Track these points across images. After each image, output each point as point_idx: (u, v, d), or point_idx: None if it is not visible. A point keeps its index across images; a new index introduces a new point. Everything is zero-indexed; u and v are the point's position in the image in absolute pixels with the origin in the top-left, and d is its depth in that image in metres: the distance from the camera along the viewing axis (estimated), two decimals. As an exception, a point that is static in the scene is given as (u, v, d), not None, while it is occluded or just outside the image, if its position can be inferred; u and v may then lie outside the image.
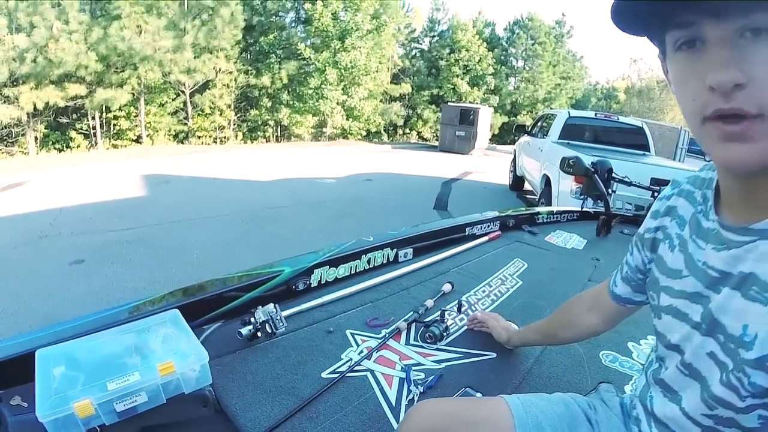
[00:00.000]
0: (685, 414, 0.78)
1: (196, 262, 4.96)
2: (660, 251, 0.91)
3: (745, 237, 0.70)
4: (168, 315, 1.34)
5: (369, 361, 1.41)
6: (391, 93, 24.18)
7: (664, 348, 0.86)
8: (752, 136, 0.60)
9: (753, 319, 0.66)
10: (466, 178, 12.61)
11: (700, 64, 0.62)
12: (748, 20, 0.58)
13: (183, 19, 17.10)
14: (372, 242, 2.15)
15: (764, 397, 0.67)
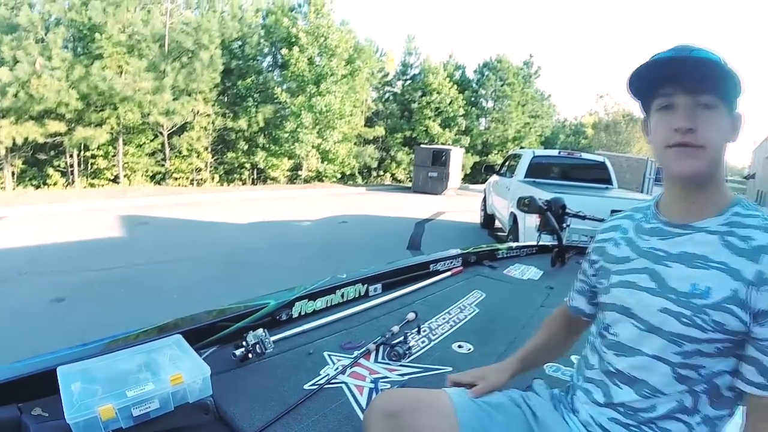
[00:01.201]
0: (656, 357, 1.08)
1: (176, 303, 5.06)
2: (606, 251, 1.28)
3: (685, 230, 1.10)
4: (172, 339, 1.59)
5: (343, 375, 1.68)
6: (365, 136, 24.55)
7: (616, 314, 1.18)
8: (695, 156, 1.03)
9: (698, 279, 1.03)
10: (439, 218, 12.88)
11: (671, 117, 1.05)
12: (702, 98, 1.03)
13: (163, 61, 17.34)
14: (345, 279, 2.43)
15: (720, 331, 1.00)
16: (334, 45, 20.45)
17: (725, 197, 1.11)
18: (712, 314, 1.00)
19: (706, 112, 1.03)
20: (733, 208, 1.08)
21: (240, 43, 21.22)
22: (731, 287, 0.98)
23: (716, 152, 1.06)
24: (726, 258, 1.01)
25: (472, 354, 1.97)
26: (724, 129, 1.06)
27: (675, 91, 1.05)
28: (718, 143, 1.05)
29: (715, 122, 1.04)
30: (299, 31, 20.06)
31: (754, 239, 1.01)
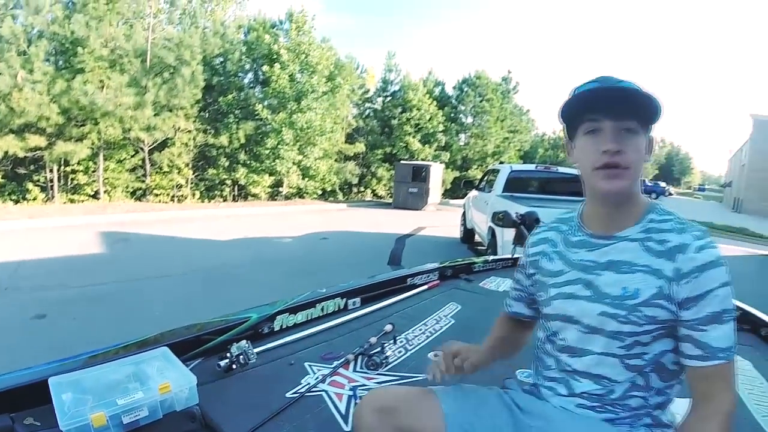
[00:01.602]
0: (604, 353, 1.22)
1: (158, 319, 5.03)
2: (541, 265, 1.42)
3: (609, 241, 1.25)
4: (159, 351, 1.66)
5: (324, 384, 1.76)
6: (346, 152, 24.62)
7: (561, 322, 1.31)
8: (621, 177, 1.17)
9: (627, 282, 1.19)
10: (420, 234, 12.97)
11: (599, 141, 1.18)
12: (626, 123, 1.16)
13: (145, 76, 17.29)
14: (324, 293, 2.52)
15: (653, 323, 1.17)
16: (315, 62, 20.57)
17: (641, 206, 1.26)
18: (644, 310, 1.17)
19: (629, 135, 1.17)
20: (648, 215, 1.25)
21: (221, 59, 21.25)
22: (656, 285, 1.16)
23: (637, 172, 1.20)
24: (648, 261, 1.18)
25: None
26: (643, 151, 1.20)
27: (602, 117, 1.18)
28: (639, 164, 1.20)
29: (637, 145, 1.18)
30: (280, 48, 20.17)
31: (669, 241, 1.17)
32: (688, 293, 1.13)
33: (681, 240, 1.16)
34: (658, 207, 1.27)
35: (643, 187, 1.28)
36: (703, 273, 1.12)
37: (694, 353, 1.14)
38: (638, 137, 1.19)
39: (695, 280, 1.12)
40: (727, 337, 1.13)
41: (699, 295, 1.12)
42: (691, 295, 1.12)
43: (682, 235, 1.17)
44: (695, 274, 1.12)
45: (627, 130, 1.17)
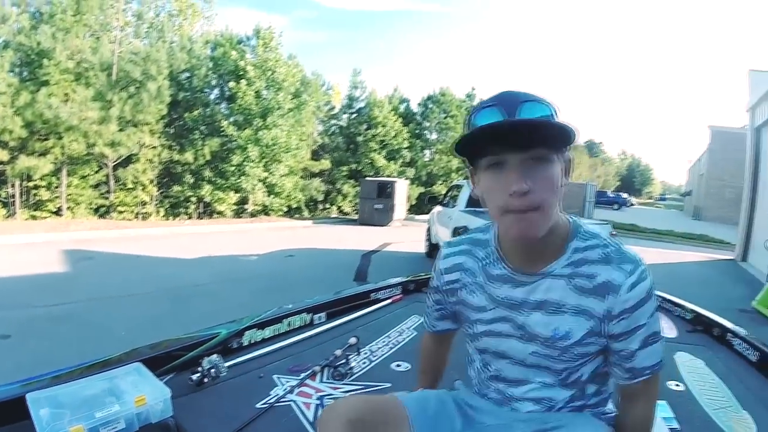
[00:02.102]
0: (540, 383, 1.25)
1: (125, 339, 4.95)
2: (461, 296, 1.34)
3: (533, 278, 1.19)
4: (132, 366, 1.75)
5: (292, 395, 1.86)
6: (312, 169, 24.60)
7: (493, 357, 1.30)
8: (534, 220, 1.06)
9: (557, 324, 1.17)
10: (386, 250, 13.03)
11: (502, 178, 1.06)
12: (533, 152, 1.04)
13: (110, 90, 17.00)
14: (291, 309, 2.61)
15: (587, 356, 1.20)
16: (281, 78, 20.52)
17: (563, 234, 1.18)
18: (577, 349, 1.18)
19: (539, 167, 1.05)
20: (572, 243, 1.18)
21: (188, 74, 21.02)
22: (587, 326, 1.16)
23: (552, 208, 1.09)
24: (576, 301, 1.15)
25: (409, 372, 2.17)
26: (558, 178, 1.09)
27: (504, 150, 1.05)
28: (553, 198, 1.08)
29: (549, 176, 1.06)
30: (247, 64, 20.05)
31: (597, 275, 1.14)
32: (620, 330, 1.14)
33: (610, 276, 1.12)
34: (580, 230, 1.20)
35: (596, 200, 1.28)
36: (635, 311, 1.12)
37: (624, 375, 1.20)
38: (550, 165, 1.07)
39: (627, 319, 1.13)
40: (654, 355, 1.17)
41: (630, 330, 1.14)
42: (623, 331, 1.14)
43: (610, 268, 1.13)
44: (627, 314, 1.12)
45: (536, 160, 1.05)
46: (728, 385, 2.27)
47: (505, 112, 1.04)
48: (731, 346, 2.77)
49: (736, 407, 2.06)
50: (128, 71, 17.43)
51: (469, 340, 1.40)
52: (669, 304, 3.52)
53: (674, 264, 14.17)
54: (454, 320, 1.49)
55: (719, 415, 1.97)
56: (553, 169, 1.07)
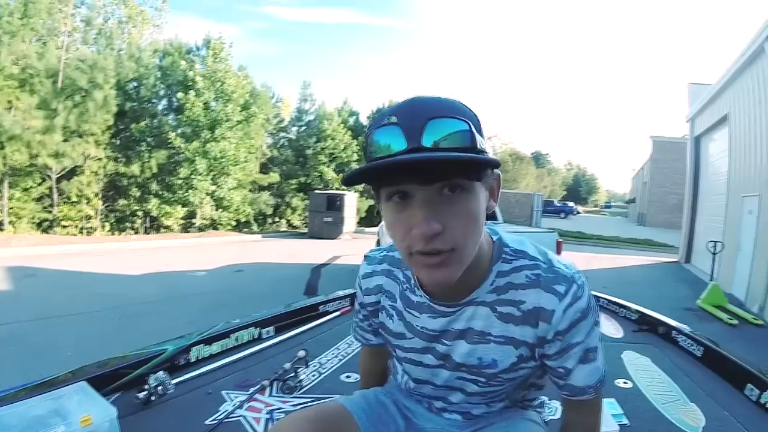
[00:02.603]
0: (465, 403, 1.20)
1: (71, 360, 4.73)
2: (382, 319, 1.26)
3: (454, 308, 1.08)
4: (78, 385, 1.73)
5: (241, 410, 1.87)
6: (260, 182, 24.33)
7: (413, 382, 1.24)
8: (447, 264, 0.90)
9: (482, 353, 1.08)
10: (336, 263, 13.01)
11: (406, 214, 0.88)
12: (449, 182, 0.86)
13: (56, 98, 16.43)
14: (239, 323, 2.61)
15: (516, 379, 1.12)
16: (231, 90, 20.32)
17: (486, 256, 1.06)
18: (505, 375, 1.10)
19: (452, 197, 0.88)
20: (496, 265, 1.07)
21: (135, 83, 20.46)
22: (515, 354, 1.07)
23: (472, 246, 0.93)
24: (503, 330, 1.06)
25: (359, 383, 2.19)
26: (480, 209, 0.92)
27: (407, 180, 0.87)
28: (473, 235, 0.92)
29: (466, 209, 0.89)
30: (196, 75, 19.75)
31: (524, 302, 1.04)
32: (554, 350, 1.06)
33: (540, 302, 1.03)
34: (505, 249, 1.09)
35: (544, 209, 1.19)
36: (568, 333, 1.03)
37: (564, 390, 1.12)
38: (469, 195, 0.89)
39: (560, 341, 1.04)
40: (593, 373, 1.08)
41: (563, 349, 1.05)
42: (556, 351, 1.06)
43: (539, 292, 1.03)
44: (560, 338, 1.03)
45: (450, 189, 0.87)
46: (675, 379, 2.39)
47: (407, 134, 0.85)
48: (676, 343, 2.91)
49: (684, 400, 2.16)
50: (74, 79, 16.95)
51: (394, 361, 1.36)
52: (614, 306, 3.67)
53: (622, 268, 14.55)
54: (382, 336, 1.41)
55: (668, 409, 2.07)
56: (471, 201, 0.90)
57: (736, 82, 11.61)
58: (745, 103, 10.85)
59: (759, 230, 9.34)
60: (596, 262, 14.55)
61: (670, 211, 39.25)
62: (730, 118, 12.18)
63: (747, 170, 10.53)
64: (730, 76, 11.72)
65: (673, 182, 39.11)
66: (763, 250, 8.91)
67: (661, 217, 40.60)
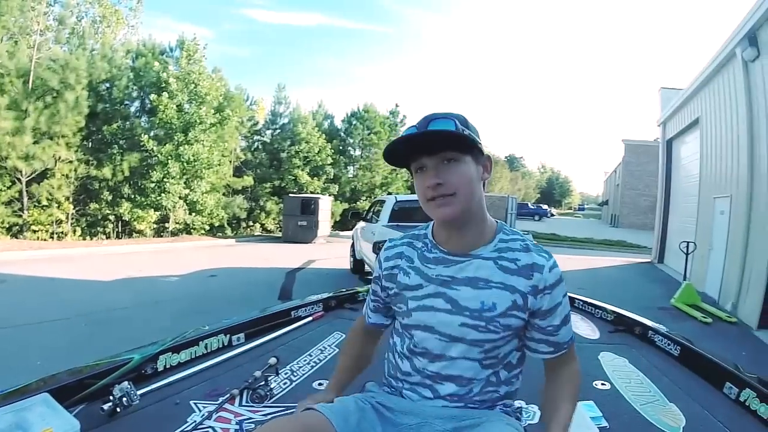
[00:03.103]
0: (464, 358, 1.38)
1: (40, 369, 4.76)
2: (399, 279, 1.50)
3: (464, 258, 1.39)
4: (40, 397, 1.64)
5: (210, 421, 1.79)
6: (234, 186, 24.21)
7: (421, 332, 1.42)
8: (449, 204, 1.30)
9: (485, 297, 1.34)
10: (310, 267, 12.99)
11: (424, 177, 1.33)
12: (445, 155, 1.30)
13: (26, 99, 16.13)
14: (208, 330, 2.54)
15: (508, 330, 1.36)
16: (204, 92, 20.14)
17: (491, 227, 1.43)
18: (501, 321, 1.35)
19: (450, 165, 1.31)
20: (498, 235, 1.42)
21: (108, 85, 20.12)
22: (511, 299, 1.34)
23: (467, 195, 1.32)
24: (502, 278, 1.36)
25: None
26: (471, 173, 1.34)
27: (422, 156, 1.33)
28: (466, 187, 1.32)
29: (460, 171, 1.31)
30: (170, 77, 19.52)
31: (520, 260, 1.37)
32: (544, 305, 1.36)
33: (531, 260, 1.36)
34: (505, 227, 1.46)
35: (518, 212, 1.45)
36: (555, 289, 1.36)
37: (548, 350, 1.42)
38: (461, 164, 1.32)
39: (549, 295, 1.35)
40: (569, 331, 1.43)
41: (552, 308, 1.37)
42: (547, 308, 1.36)
43: (530, 254, 1.37)
44: (549, 291, 1.35)
45: (448, 161, 1.31)
46: (653, 380, 2.38)
47: (418, 127, 1.31)
48: (653, 343, 2.91)
49: (663, 401, 2.16)
50: (46, 79, 16.66)
51: (399, 321, 1.54)
52: (590, 307, 3.67)
53: (596, 269, 14.71)
54: (386, 314, 1.65)
55: (647, 410, 2.06)
56: (463, 166, 1.32)
57: (707, 86, 11.85)
58: (716, 106, 11.06)
59: (731, 230, 9.50)
60: (571, 263, 14.65)
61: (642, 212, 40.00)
62: (702, 122, 12.41)
63: (718, 172, 10.70)
64: (701, 80, 11.94)
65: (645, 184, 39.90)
66: (735, 249, 9.04)
67: (634, 219, 41.37)
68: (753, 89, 8.74)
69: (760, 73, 8.34)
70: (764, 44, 8.18)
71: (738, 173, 9.27)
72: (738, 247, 8.85)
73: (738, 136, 9.36)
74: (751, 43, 8.43)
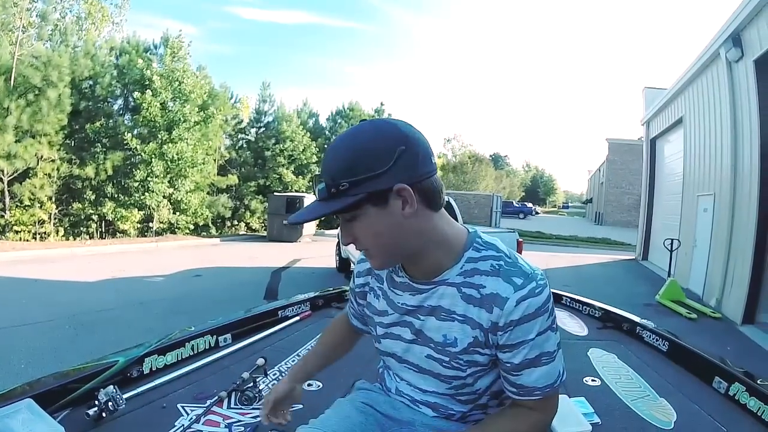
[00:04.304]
0: (436, 392, 1.30)
1: (24, 373, 4.74)
2: (369, 299, 1.44)
3: (428, 286, 1.24)
4: (23, 403, 1.60)
5: (198, 424, 1.76)
6: (218, 185, 24.01)
7: (393, 360, 1.37)
8: (370, 257, 1.22)
9: (447, 330, 1.21)
10: (296, 266, 12.97)
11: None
12: (349, 215, 1.13)
13: (8, 97, 15.81)
14: (194, 331, 2.50)
15: (475, 366, 1.21)
16: (189, 90, 19.91)
17: (456, 244, 1.22)
18: (464, 357, 1.20)
19: (352, 223, 1.15)
20: (467, 252, 1.21)
21: (91, 82, 19.74)
22: (472, 335, 1.18)
23: (380, 246, 1.18)
24: (464, 310, 1.18)
25: (321, 390, 2.13)
26: (376, 224, 1.13)
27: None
28: (375, 239, 1.15)
29: (364, 227, 1.14)
30: (153, 74, 19.26)
31: (485, 287, 1.16)
32: (504, 342, 1.15)
33: (497, 288, 1.15)
34: (477, 240, 1.24)
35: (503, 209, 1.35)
36: (520, 326, 1.13)
37: (511, 389, 1.21)
38: (360, 219, 1.14)
39: (511, 332, 1.14)
40: (545, 377, 1.17)
41: (513, 345, 1.15)
42: (507, 344, 1.15)
43: (498, 281, 1.16)
44: (511, 328, 1.13)
45: (347, 221, 1.16)
46: (642, 375, 2.40)
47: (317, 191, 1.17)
48: (641, 339, 2.93)
49: (654, 396, 2.17)
50: (28, 76, 16.38)
51: (374, 341, 1.46)
52: (578, 304, 3.68)
53: (581, 266, 14.81)
54: (364, 324, 1.57)
55: (638, 405, 2.07)
56: (363, 221, 1.14)
57: (691, 86, 11.97)
58: (700, 106, 11.18)
59: (714, 227, 9.60)
60: (556, 261, 14.75)
61: (626, 210, 40.46)
62: (685, 121, 12.54)
63: (702, 170, 10.81)
64: (685, 80, 12.07)
65: (629, 183, 40.33)
66: (719, 246, 9.15)
67: (618, 217, 41.83)
68: (736, 89, 8.84)
69: (744, 73, 8.43)
70: (748, 45, 8.26)
71: (721, 171, 9.37)
72: (721, 244, 8.96)
73: (721, 136, 9.47)
74: (735, 44, 8.50)
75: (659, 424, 1.91)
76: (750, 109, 8.11)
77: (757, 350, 6.65)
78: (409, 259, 1.23)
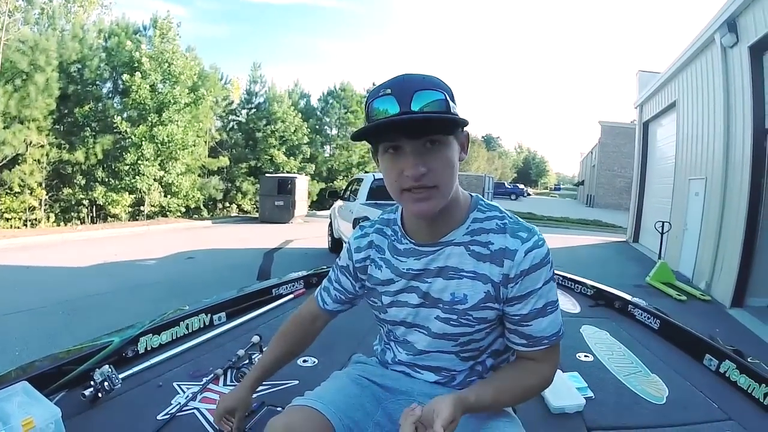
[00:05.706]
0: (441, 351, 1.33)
1: (19, 359, 4.60)
2: (370, 272, 1.42)
3: (434, 248, 1.27)
4: (18, 386, 1.58)
5: (195, 402, 1.78)
6: (210, 167, 23.81)
7: (403, 328, 1.37)
8: (431, 198, 1.14)
9: (455, 288, 1.24)
10: (288, 247, 12.97)
11: (401, 161, 1.13)
12: (429, 137, 1.10)
13: None
14: (188, 310, 2.51)
15: (484, 322, 1.25)
16: (178, 72, 19.65)
17: (463, 206, 1.27)
18: (474, 314, 1.24)
19: (434, 148, 1.12)
20: (472, 213, 1.27)
21: (79, 66, 19.32)
22: (483, 290, 1.22)
23: (449, 187, 1.17)
24: (473, 266, 1.23)
25: (316, 366, 2.16)
26: (455, 159, 1.16)
27: (400, 136, 1.11)
28: (450, 177, 1.16)
29: (444, 157, 1.13)
30: (143, 56, 18.95)
31: (493, 243, 1.22)
32: (514, 293, 1.20)
33: (505, 243, 1.20)
34: (481, 202, 1.30)
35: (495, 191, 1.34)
36: (529, 275, 1.19)
37: (520, 342, 1.26)
38: (445, 147, 1.14)
39: (521, 282, 1.19)
40: (552, 325, 1.23)
41: (523, 295, 1.20)
42: (517, 295, 1.20)
43: (505, 237, 1.21)
44: (521, 278, 1.19)
45: (431, 143, 1.12)
46: (634, 351, 2.45)
47: (399, 102, 1.10)
48: (633, 317, 3.00)
49: (646, 372, 2.22)
50: (15, 61, 16.07)
51: (377, 314, 1.46)
52: (571, 282, 3.74)
53: (573, 247, 14.88)
54: (343, 303, 1.57)
55: (630, 381, 2.12)
56: (447, 151, 1.15)
57: (685, 70, 11.96)
58: (694, 90, 11.19)
59: (705, 211, 9.64)
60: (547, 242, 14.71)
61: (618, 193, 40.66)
62: (679, 105, 12.55)
63: (694, 154, 10.84)
64: (679, 65, 12.05)
65: (621, 165, 40.47)
66: (709, 229, 9.20)
67: (610, 199, 42.04)
68: (730, 74, 8.83)
69: (738, 59, 8.42)
70: (743, 31, 8.25)
71: (713, 156, 9.39)
72: (712, 228, 9.01)
73: (714, 120, 9.49)
74: (731, 29, 8.48)
75: (652, 399, 1.95)
76: (743, 95, 8.12)
77: (745, 333, 6.70)
78: (438, 213, 1.20)
